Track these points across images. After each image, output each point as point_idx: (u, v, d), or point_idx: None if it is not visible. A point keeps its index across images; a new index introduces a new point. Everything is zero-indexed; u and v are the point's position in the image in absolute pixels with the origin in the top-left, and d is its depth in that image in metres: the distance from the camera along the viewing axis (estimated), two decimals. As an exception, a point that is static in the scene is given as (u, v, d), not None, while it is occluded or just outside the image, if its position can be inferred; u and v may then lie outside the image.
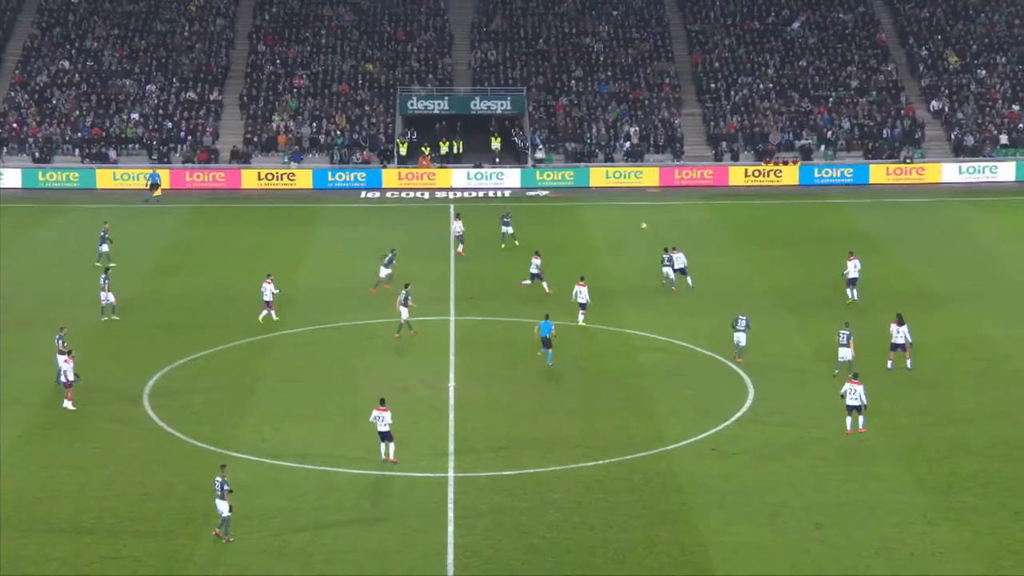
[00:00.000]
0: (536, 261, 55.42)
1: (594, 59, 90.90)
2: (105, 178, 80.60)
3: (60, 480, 36.39)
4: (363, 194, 79.81)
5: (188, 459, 37.87)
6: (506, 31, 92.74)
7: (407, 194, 79.62)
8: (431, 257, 61.77)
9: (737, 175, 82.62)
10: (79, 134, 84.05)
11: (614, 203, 76.71)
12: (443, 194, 79.76)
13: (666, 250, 56.40)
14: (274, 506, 34.74)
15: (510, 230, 63.58)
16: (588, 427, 40.58)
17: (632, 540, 33.03)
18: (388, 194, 79.31)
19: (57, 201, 76.65)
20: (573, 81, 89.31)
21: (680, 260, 55.89)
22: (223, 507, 32.84)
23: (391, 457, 37.45)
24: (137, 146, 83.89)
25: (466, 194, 79.74)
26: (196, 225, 71.05)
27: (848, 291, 54.02)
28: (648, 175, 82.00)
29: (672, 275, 55.72)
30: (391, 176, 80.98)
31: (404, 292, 49.16)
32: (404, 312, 48.84)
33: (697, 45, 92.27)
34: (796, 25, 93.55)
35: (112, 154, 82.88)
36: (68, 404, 41.65)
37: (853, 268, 53.98)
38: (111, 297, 51.76)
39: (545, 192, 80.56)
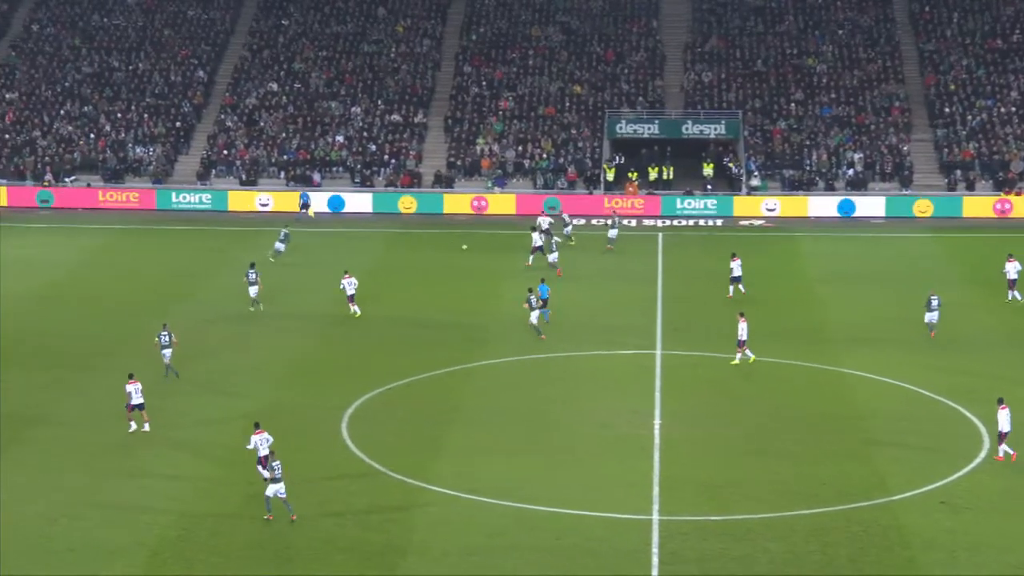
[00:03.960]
0: (737, 262, 57.29)
1: (816, 81, 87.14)
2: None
3: (259, 506, 35.49)
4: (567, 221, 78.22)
5: (384, 490, 37.15)
6: (722, 52, 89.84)
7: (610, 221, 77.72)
8: (637, 287, 59.82)
9: (972, 206, 77.98)
10: (285, 156, 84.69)
11: (836, 235, 73.26)
12: (651, 222, 77.76)
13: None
14: (471, 543, 33.80)
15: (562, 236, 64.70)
16: (803, 472, 38.39)
17: (852, 599, 30.53)
18: (593, 221, 77.58)
19: (258, 224, 77.02)
20: (793, 104, 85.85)
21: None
22: (281, 488, 34.73)
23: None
24: (340, 169, 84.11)
25: (675, 222, 77.49)
26: (395, 249, 70.34)
27: (1009, 292, 56.39)
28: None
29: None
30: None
31: (531, 296, 51.57)
32: (534, 316, 51.29)
33: (931, 66, 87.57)
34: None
35: (316, 177, 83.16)
36: (135, 426, 41.57)
37: (1013, 270, 56.64)
38: (255, 291, 55.35)
39: (760, 221, 77.83)
